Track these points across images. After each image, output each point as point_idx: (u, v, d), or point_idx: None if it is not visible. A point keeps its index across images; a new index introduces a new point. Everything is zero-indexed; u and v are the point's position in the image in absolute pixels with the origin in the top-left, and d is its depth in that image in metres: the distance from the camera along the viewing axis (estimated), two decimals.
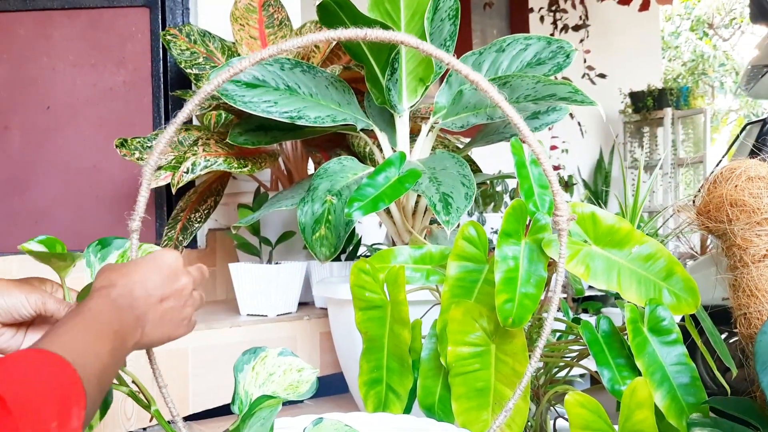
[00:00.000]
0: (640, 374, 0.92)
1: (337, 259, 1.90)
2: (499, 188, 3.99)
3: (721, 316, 1.12)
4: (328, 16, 1.45)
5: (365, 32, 0.78)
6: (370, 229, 2.36)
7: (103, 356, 0.62)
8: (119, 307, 0.68)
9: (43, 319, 0.80)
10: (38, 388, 0.53)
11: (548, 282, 1.03)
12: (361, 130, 1.57)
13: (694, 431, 0.78)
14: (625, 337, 0.98)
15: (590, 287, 3.08)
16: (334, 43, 1.95)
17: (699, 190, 1.11)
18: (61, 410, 0.53)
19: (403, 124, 1.56)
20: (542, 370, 1.19)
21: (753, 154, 2.07)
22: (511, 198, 4.17)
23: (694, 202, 1.18)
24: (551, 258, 0.97)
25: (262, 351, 0.90)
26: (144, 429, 1.47)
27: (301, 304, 1.96)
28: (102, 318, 0.65)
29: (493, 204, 3.96)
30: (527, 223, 1.02)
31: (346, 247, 1.94)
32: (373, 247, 2.05)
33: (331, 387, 1.84)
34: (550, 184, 0.86)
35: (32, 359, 0.55)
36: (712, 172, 1.12)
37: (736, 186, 0.88)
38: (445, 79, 1.65)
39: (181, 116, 0.80)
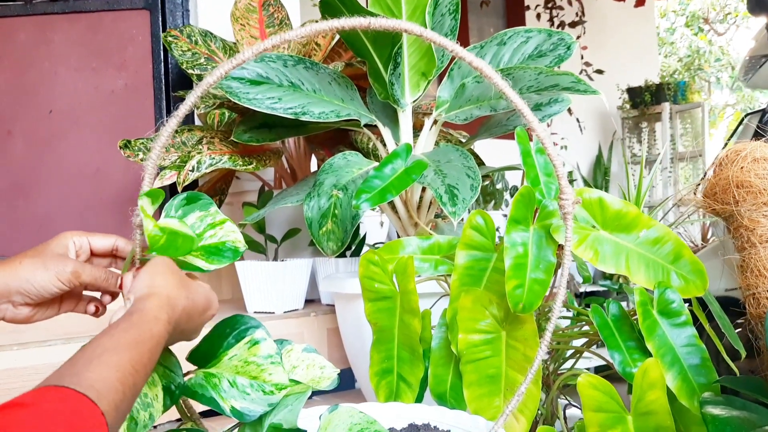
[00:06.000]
0: (650, 356, 0.92)
1: (342, 255, 1.91)
2: (499, 186, 4.01)
3: (726, 306, 1.13)
4: (330, 11, 1.46)
5: (369, 21, 0.80)
6: (371, 228, 2.37)
7: (138, 392, 0.59)
8: (164, 340, 0.66)
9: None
10: None
11: (557, 268, 1.04)
12: (365, 125, 1.58)
13: (707, 409, 0.79)
14: (635, 320, 0.99)
15: (593, 282, 3.10)
16: (335, 40, 1.96)
17: (702, 178, 1.11)
18: None
19: (406, 119, 1.57)
20: (552, 358, 1.20)
21: None
22: (512, 195, 4.19)
23: (695, 193, 1.19)
24: (560, 244, 0.97)
25: (288, 344, 0.91)
26: (155, 426, 1.47)
27: (307, 302, 1.96)
28: (153, 352, 0.62)
29: (493, 202, 3.97)
30: (535, 210, 1.03)
31: (351, 244, 1.95)
32: (376, 246, 2.06)
33: (338, 383, 1.85)
34: (554, 168, 0.87)
35: (56, 404, 0.50)
36: (715, 160, 1.12)
37: (742, 167, 0.89)
38: (447, 74, 1.66)
39: (183, 108, 0.80)
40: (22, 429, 0.46)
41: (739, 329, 1.12)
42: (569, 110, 4.25)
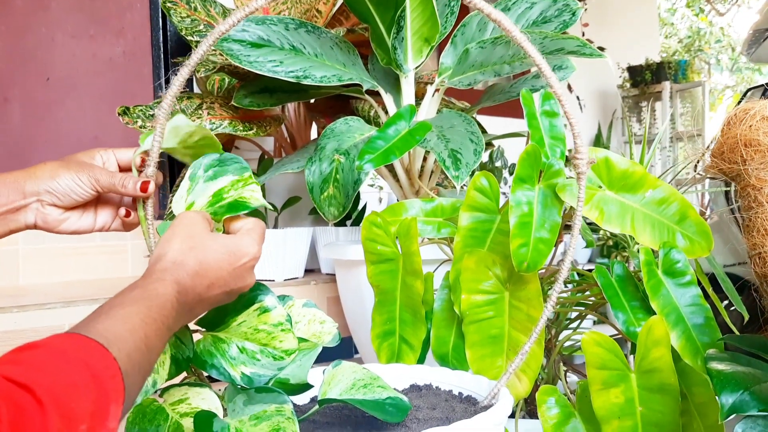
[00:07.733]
0: (654, 316, 0.92)
1: (342, 224, 1.90)
2: (498, 163, 3.99)
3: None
4: None
5: None
6: (369, 204, 2.36)
7: (153, 348, 0.58)
8: (182, 311, 0.65)
9: (106, 196, 0.79)
10: (72, 381, 0.47)
11: (562, 229, 1.03)
12: (366, 91, 1.56)
13: (712, 364, 0.79)
14: (639, 282, 0.98)
15: (589, 261, 3.10)
16: (337, 7, 1.94)
17: (708, 146, 1.11)
18: (95, 409, 0.47)
19: (408, 85, 1.56)
20: (554, 323, 1.20)
21: None
22: (510, 173, 4.18)
23: (695, 169, 1.18)
24: (566, 203, 0.97)
25: (289, 299, 0.90)
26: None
27: (307, 271, 1.96)
28: (162, 312, 0.61)
29: None
30: (539, 171, 1.02)
31: (351, 213, 1.94)
32: None
33: (337, 352, 1.85)
34: (571, 126, 0.86)
35: (67, 346, 0.50)
36: (724, 120, 1.11)
37: (750, 126, 0.88)
38: (449, 41, 1.64)
39: (195, 57, 0.79)
40: (36, 365, 0.47)
41: (733, 308, 1.12)
42: (569, 87, 4.22)
